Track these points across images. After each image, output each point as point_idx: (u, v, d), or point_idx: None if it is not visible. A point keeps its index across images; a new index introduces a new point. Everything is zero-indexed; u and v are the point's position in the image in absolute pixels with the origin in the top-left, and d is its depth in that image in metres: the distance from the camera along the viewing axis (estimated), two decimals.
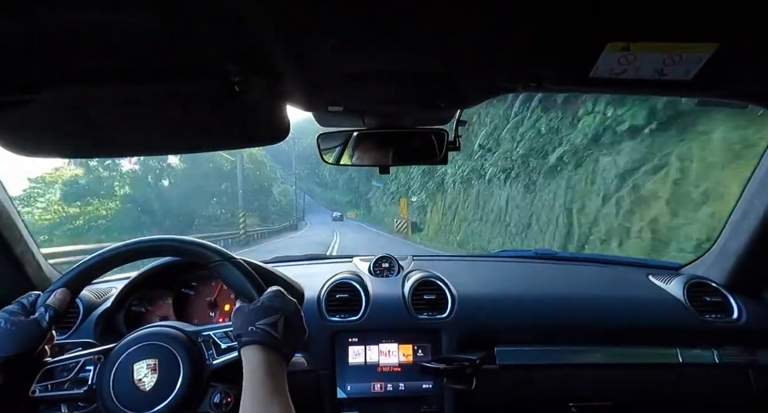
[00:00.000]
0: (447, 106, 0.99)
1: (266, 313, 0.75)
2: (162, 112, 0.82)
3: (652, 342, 1.28)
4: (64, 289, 0.79)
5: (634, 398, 1.27)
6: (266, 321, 0.74)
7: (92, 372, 0.79)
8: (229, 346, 0.82)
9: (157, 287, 1.19)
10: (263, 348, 0.72)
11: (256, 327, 0.73)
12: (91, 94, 0.77)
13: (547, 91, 0.90)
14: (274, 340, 0.73)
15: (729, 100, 0.95)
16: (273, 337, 0.73)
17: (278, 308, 0.76)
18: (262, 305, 0.77)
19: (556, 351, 1.26)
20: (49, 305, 0.76)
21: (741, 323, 1.26)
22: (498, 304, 1.33)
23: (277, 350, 0.73)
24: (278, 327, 0.74)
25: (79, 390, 0.78)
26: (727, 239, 1.34)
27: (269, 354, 0.72)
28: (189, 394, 0.77)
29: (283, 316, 0.75)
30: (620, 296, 1.39)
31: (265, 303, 0.77)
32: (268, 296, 0.79)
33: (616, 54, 0.71)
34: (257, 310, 0.76)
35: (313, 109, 0.97)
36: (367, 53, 0.75)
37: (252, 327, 0.73)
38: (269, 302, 0.77)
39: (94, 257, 0.83)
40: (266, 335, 0.72)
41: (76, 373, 0.79)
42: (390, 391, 1.20)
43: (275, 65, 0.75)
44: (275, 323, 0.74)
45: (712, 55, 0.71)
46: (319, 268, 1.57)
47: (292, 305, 0.79)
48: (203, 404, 0.78)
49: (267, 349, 0.72)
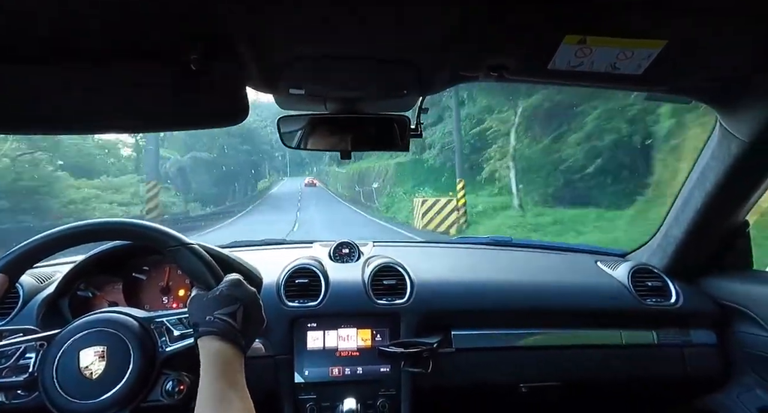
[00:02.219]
0: (410, 92, 0.99)
1: (225, 302, 0.73)
2: (115, 91, 0.78)
3: (599, 324, 1.35)
4: (1, 275, 0.74)
5: (581, 377, 1.34)
6: (225, 311, 0.71)
7: (34, 359, 0.75)
8: (183, 333, 0.80)
9: (105, 272, 1.14)
10: (221, 338, 0.69)
11: (215, 317, 0.71)
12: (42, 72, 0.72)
13: (507, 81, 0.91)
14: (233, 330, 0.71)
15: (675, 94, 1.01)
16: (232, 327, 0.71)
17: (238, 297, 0.74)
18: (220, 294, 0.74)
19: (509, 335, 1.31)
20: None
21: (678, 306, 1.35)
22: (455, 289, 1.36)
23: (235, 341, 0.71)
24: (237, 317, 0.72)
25: (19, 377, 0.74)
26: (669, 227, 1.42)
27: (227, 345, 0.70)
28: (139, 382, 0.74)
29: (242, 306, 0.73)
30: (570, 281, 1.45)
31: (224, 292, 0.75)
32: (227, 285, 0.76)
33: (573, 47, 0.74)
34: (215, 299, 0.73)
35: (273, 91, 0.95)
36: (327, 36, 0.74)
37: (210, 317, 0.71)
38: (228, 291, 0.75)
39: (37, 239, 0.79)
40: (225, 325, 0.70)
41: (16, 360, 0.75)
42: (348, 375, 1.21)
43: (234, 46, 0.72)
44: (234, 313, 0.72)
45: (660, 51, 0.75)
46: (278, 253, 1.56)
47: (251, 295, 0.77)
48: (154, 392, 0.76)
49: (225, 340, 0.70)
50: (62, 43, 0.69)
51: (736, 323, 1.32)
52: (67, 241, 0.81)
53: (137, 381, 0.74)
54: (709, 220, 1.29)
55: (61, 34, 0.67)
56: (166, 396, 0.76)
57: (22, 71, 0.71)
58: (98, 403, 0.72)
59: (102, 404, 0.72)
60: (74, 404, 0.72)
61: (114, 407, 0.73)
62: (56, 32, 0.66)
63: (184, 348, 0.79)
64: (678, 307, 1.35)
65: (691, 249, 1.39)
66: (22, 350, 0.76)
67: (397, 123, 1.05)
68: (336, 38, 0.75)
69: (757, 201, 1.27)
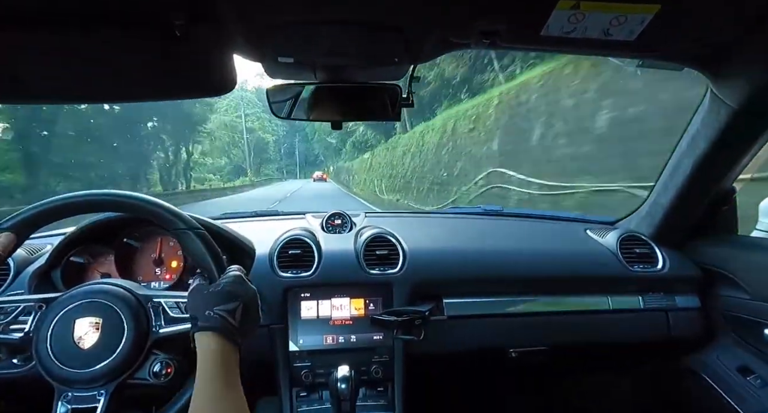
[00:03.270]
0: (400, 61, 0.97)
1: (226, 298, 0.72)
2: (98, 59, 0.76)
3: (587, 291, 1.38)
4: (9, 233, 0.73)
5: (568, 342, 1.38)
6: (225, 307, 0.71)
7: (31, 320, 0.76)
8: (178, 316, 0.80)
9: (97, 242, 1.13)
10: (219, 335, 0.69)
11: (214, 312, 0.70)
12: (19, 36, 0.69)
13: (499, 49, 0.90)
14: (231, 328, 0.70)
15: (668, 61, 1.00)
16: (230, 324, 0.70)
17: (239, 294, 0.73)
18: (222, 290, 0.73)
19: (500, 302, 1.34)
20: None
21: (664, 272, 1.38)
22: (446, 258, 1.38)
23: (233, 338, 0.70)
24: (236, 315, 0.71)
25: (14, 336, 0.74)
26: (657, 195, 1.44)
27: (224, 343, 0.69)
28: (129, 359, 0.75)
29: (242, 304, 0.73)
30: (559, 249, 1.48)
31: (225, 288, 0.74)
32: (229, 281, 0.75)
33: (566, 12, 0.73)
34: (216, 294, 0.73)
35: (261, 59, 0.93)
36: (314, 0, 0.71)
37: (209, 312, 0.70)
38: (229, 287, 0.74)
39: (46, 203, 0.77)
40: (224, 322, 0.70)
41: (14, 318, 0.76)
42: (342, 343, 1.24)
43: (219, 11, 0.70)
44: (234, 310, 0.71)
45: (653, 17, 0.73)
46: (271, 224, 1.56)
47: (251, 293, 0.77)
48: (142, 370, 0.77)
49: (223, 337, 0.69)
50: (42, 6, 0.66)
51: (720, 287, 1.36)
52: (75, 209, 0.79)
53: (127, 357, 0.75)
54: (697, 187, 1.31)
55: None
56: (153, 376, 0.77)
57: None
58: (87, 373, 0.73)
59: (91, 374, 0.73)
60: (64, 371, 0.73)
61: (102, 379, 0.73)
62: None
63: (176, 333, 0.79)
64: (664, 273, 1.38)
65: (679, 216, 1.41)
66: (21, 309, 0.76)
67: (389, 92, 1.04)
68: (323, 2, 0.72)
69: (744, 167, 1.28)
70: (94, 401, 0.73)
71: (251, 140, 51.30)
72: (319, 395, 1.23)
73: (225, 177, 48.61)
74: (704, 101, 1.17)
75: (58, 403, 0.73)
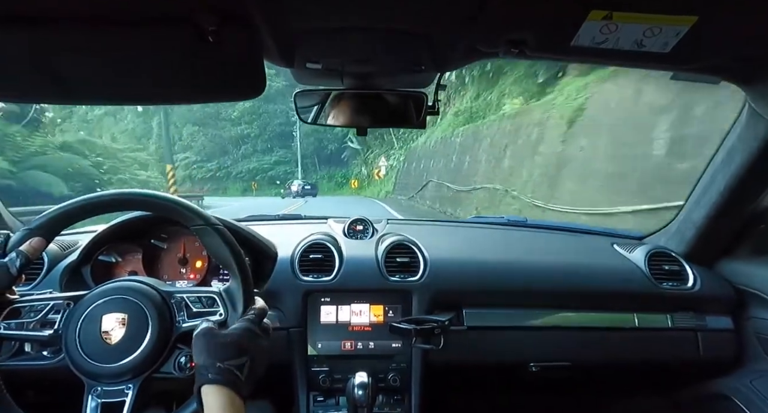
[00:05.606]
0: (427, 68, 0.97)
1: (235, 352, 0.71)
2: (131, 61, 0.78)
3: (612, 307, 1.34)
4: (40, 238, 0.76)
5: (591, 359, 1.34)
6: (233, 363, 0.70)
7: (60, 317, 0.78)
8: (200, 311, 0.81)
9: (126, 241, 1.17)
10: (226, 389, 0.68)
11: (224, 366, 0.69)
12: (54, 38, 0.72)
13: (527, 59, 0.89)
14: (239, 382, 0.69)
15: (703, 74, 0.97)
16: (238, 379, 0.69)
17: (248, 349, 0.72)
18: (231, 342, 0.72)
19: (521, 314, 1.31)
20: (21, 251, 0.73)
21: (694, 291, 1.33)
22: (468, 268, 1.36)
23: (239, 391, 0.69)
24: (244, 370, 0.70)
25: (45, 332, 0.77)
26: (689, 211, 1.39)
27: (232, 396, 0.68)
28: (154, 353, 0.77)
29: (249, 359, 0.72)
30: (585, 263, 1.44)
31: (236, 340, 0.73)
32: (239, 332, 0.74)
33: (598, 23, 0.71)
34: (226, 346, 0.71)
35: (290, 65, 0.94)
36: (344, 6, 0.72)
37: (220, 365, 0.69)
38: (239, 339, 0.73)
39: (73, 203, 0.80)
40: (232, 376, 0.69)
41: (44, 315, 0.78)
42: (360, 349, 1.24)
43: (250, 16, 0.72)
44: (242, 365, 0.70)
45: (689, 29, 0.71)
46: (293, 228, 1.57)
47: (261, 349, 0.75)
48: (168, 364, 0.79)
49: (230, 390, 0.68)
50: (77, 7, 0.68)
51: (753, 308, 1.30)
52: (101, 207, 0.82)
53: (152, 351, 0.76)
54: (731, 204, 1.26)
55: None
56: (178, 369, 0.78)
57: (30, 34, 0.70)
58: (114, 368, 0.75)
59: (119, 369, 0.75)
60: (92, 366, 0.75)
61: (129, 373, 0.75)
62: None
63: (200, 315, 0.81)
64: (695, 291, 1.33)
65: (712, 233, 1.36)
66: (50, 306, 0.79)
67: (414, 100, 1.04)
68: (352, 9, 0.73)
69: None
70: (122, 395, 0.75)
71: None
72: (335, 400, 1.23)
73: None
74: (741, 116, 1.13)
75: (88, 397, 0.75)
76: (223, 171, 43.54)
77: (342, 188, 36.54)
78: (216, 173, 43.62)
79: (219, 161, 43.78)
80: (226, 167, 43.26)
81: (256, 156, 42.88)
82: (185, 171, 42.14)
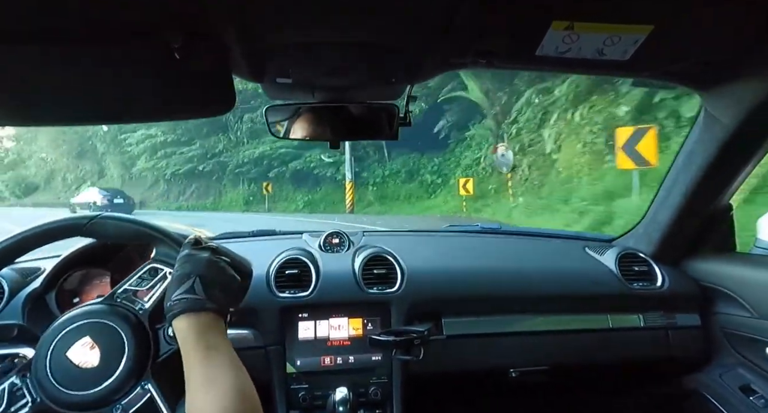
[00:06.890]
0: (398, 80, 0.98)
1: (179, 283, 0.71)
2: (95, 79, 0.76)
3: (586, 309, 1.37)
4: None
5: (569, 361, 1.37)
6: (180, 291, 0.70)
7: (23, 388, 0.73)
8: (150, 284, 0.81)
9: (91, 265, 1.12)
10: (187, 314, 0.69)
11: (173, 300, 0.70)
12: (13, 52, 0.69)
13: (495, 68, 0.91)
14: (197, 302, 0.69)
15: (660, 80, 1.02)
16: (194, 301, 0.69)
17: (189, 272, 0.72)
18: (173, 277, 0.73)
19: (499, 321, 1.32)
20: None
21: (663, 290, 1.37)
22: (445, 277, 1.37)
23: (204, 309, 0.69)
24: (196, 290, 0.70)
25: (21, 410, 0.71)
26: (654, 213, 1.44)
27: (196, 317, 0.69)
28: (142, 348, 0.75)
29: (196, 277, 0.71)
30: (558, 267, 1.47)
31: (177, 272, 0.73)
32: (178, 263, 0.75)
33: (561, 33, 0.74)
34: (170, 284, 0.73)
35: (260, 80, 0.94)
36: (314, 22, 0.72)
37: (169, 302, 0.70)
38: (180, 270, 0.74)
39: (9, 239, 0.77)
40: (185, 302, 0.69)
41: (8, 402, 0.72)
42: (340, 364, 1.22)
43: (218, 32, 0.71)
44: (191, 288, 0.70)
45: (646, 37, 0.75)
46: (268, 244, 1.55)
47: (203, 262, 0.74)
48: (161, 346, 0.77)
49: (191, 314, 0.69)
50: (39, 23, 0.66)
51: (719, 304, 1.35)
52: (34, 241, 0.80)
53: (139, 347, 0.74)
54: (694, 204, 1.31)
55: (37, 11, 0.64)
56: (172, 341, 0.76)
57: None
58: (94, 394, 0.71)
59: (98, 395, 0.71)
60: (72, 396, 0.70)
61: (132, 377, 0.73)
62: (30, 9, 0.63)
63: (159, 299, 0.78)
64: (664, 291, 1.37)
65: (677, 233, 1.41)
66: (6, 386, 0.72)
67: (386, 112, 1.05)
68: (322, 23, 0.73)
69: (740, 185, 1.29)
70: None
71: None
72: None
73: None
74: (698, 119, 1.18)
75: None
76: (209, 162, 21.24)
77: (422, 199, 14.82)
78: (198, 166, 21.54)
79: (203, 144, 21.58)
80: (217, 154, 21.18)
81: (269, 134, 6.48)
82: (149, 161, 23.00)
